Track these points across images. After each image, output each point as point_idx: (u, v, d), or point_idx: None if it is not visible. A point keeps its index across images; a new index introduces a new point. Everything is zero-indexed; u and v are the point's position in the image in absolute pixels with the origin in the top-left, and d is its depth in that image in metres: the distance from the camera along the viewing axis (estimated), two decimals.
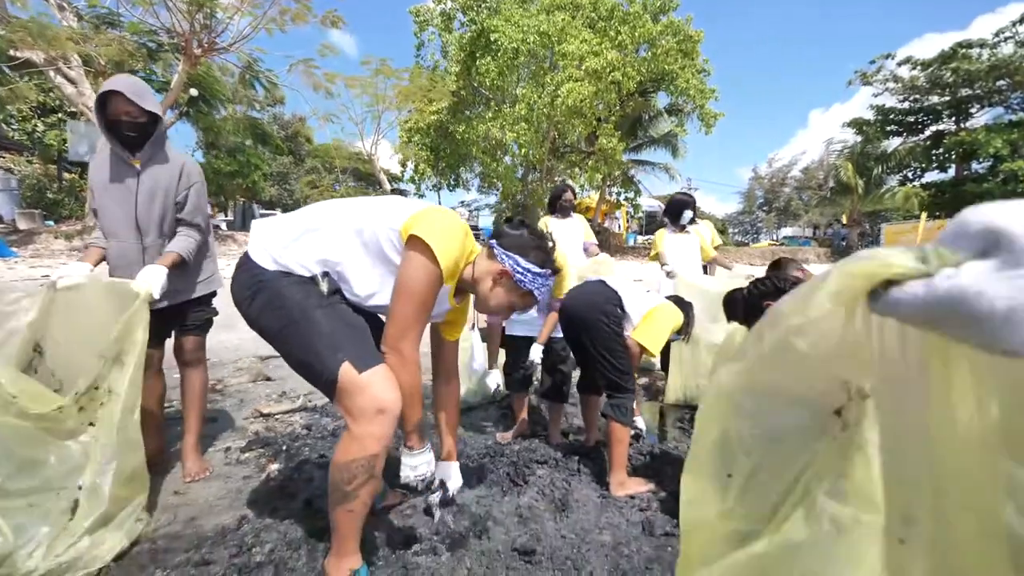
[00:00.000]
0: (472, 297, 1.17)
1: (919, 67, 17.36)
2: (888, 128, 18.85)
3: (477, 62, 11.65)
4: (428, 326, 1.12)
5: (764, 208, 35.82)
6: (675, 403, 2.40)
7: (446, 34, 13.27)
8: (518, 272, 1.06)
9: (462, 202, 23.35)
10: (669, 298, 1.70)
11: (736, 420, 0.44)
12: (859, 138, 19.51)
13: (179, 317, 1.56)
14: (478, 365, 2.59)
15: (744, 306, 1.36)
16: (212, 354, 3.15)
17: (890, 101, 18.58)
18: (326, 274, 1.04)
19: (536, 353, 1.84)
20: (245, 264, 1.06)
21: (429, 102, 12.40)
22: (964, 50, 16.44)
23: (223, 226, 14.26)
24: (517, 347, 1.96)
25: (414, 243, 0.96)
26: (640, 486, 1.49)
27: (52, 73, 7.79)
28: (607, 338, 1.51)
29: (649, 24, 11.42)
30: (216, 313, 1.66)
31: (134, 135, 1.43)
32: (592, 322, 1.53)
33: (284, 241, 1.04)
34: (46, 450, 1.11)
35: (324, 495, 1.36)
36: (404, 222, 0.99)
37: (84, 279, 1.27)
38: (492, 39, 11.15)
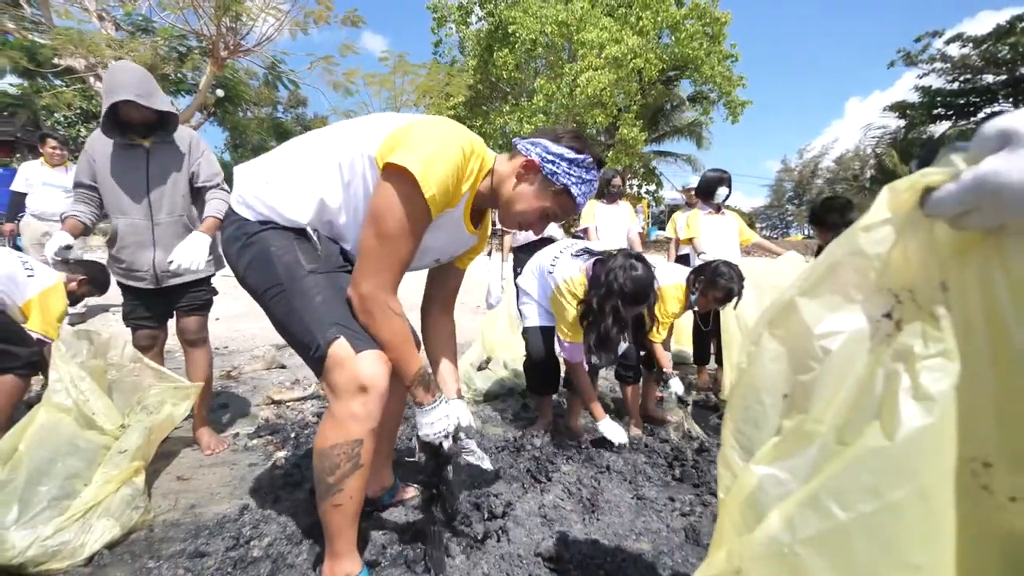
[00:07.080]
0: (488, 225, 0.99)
1: (971, 44, 15.94)
2: (935, 111, 17.41)
3: (494, 55, 11.54)
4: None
5: (794, 202, 34.09)
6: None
7: (463, 28, 13.20)
8: (548, 161, 0.82)
9: None
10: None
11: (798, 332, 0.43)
12: (901, 123, 18.16)
13: (182, 296, 1.51)
14: (494, 299, 2.56)
15: None
16: (229, 342, 3.17)
17: (937, 83, 17.19)
18: (316, 231, 0.88)
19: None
20: (229, 216, 0.91)
21: (446, 97, 12.39)
22: (1023, 23, 14.98)
23: None
24: (545, 339, 1.72)
25: (390, 172, 0.75)
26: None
27: (92, 80, 8.19)
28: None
29: (672, 8, 10.99)
30: (216, 292, 1.60)
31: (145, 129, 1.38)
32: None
33: (262, 184, 0.87)
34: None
35: None
36: (380, 145, 0.78)
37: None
38: (510, 31, 11.00)
